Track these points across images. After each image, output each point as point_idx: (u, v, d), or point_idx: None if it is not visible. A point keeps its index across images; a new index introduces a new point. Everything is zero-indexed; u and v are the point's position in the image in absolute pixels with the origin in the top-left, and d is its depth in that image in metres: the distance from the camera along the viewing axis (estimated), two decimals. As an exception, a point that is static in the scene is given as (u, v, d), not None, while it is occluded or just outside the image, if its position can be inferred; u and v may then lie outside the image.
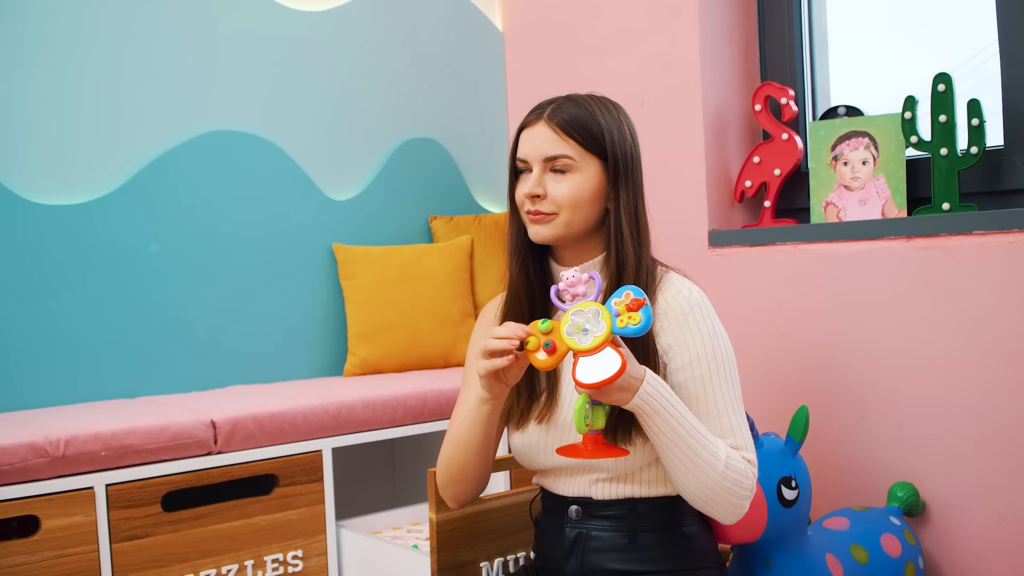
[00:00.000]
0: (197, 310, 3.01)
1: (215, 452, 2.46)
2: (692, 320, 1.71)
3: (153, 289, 2.93)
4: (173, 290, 2.96)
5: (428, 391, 2.82)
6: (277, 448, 2.54)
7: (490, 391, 1.63)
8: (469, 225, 3.46)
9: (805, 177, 2.97)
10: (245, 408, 2.55)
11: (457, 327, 3.25)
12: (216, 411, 2.52)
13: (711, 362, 1.69)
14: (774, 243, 2.82)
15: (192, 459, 2.41)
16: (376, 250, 3.27)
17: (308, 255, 3.23)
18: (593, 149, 1.71)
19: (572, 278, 1.56)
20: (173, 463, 2.38)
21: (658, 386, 1.58)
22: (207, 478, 2.43)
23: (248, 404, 2.59)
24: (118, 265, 2.87)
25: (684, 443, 1.60)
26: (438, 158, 3.56)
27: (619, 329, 1.50)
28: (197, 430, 2.43)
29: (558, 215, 1.71)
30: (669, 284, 1.75)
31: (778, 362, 2.78)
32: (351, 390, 2.78)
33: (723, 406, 1.69)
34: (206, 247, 3.03)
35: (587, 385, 1.48)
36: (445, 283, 3.27)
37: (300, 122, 3.26)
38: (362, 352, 3.17)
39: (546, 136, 1.71)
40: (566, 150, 1.70)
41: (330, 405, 2.66)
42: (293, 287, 3.19)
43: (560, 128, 1.70)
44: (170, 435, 2.38)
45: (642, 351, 1.68)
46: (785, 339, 2.77)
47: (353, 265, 3.23)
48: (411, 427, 2.79)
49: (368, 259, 3.24)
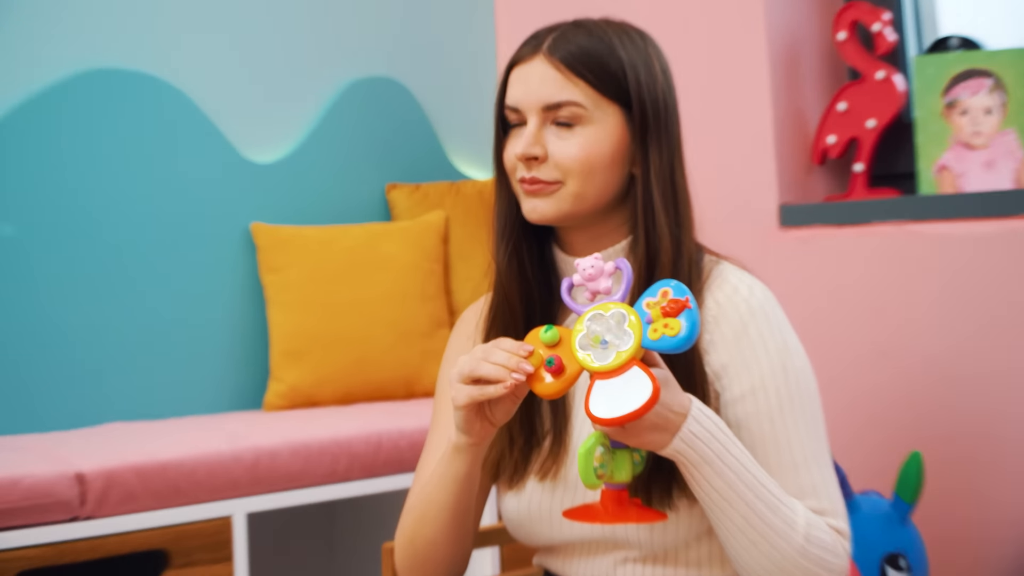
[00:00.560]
0: (60, 315, 3.01)
1: (82, 517, 2.45)
2: (755, 330, 1.72)
3: (3, 285, 2.94)
4: (30, 287, 2.97)
5: (383, 433, 2.83)
6: (169, 513, 2.54)
7: (469, 432, 1.63)
8: (442, 196, 3.46)
9: (909, 131, 2.97)
10: (125, 456, 2.54)
11: (424, 341, 3.26)
12: (85, 460, 2.51)
13: (782, 390, 1.70)
14: (869, 222, 2.83)
15: (50, 527, 2.40)
16: (311, 231, 3.28)
17: (216, 239, 3.24)
18: (611, 93, 1.73)
19: (592, 269, 1.56)
20: (24, 532, 2.38)
21: (708, 424, 1.58)
22: (71, 554, 2.41)
23: (129, 450, 2.59)
24: (-51, 253, 2.90)
25: (746, 505, 1.59)
26: (399, 104, 3.57)
27: (652, 342, 1.50)
28: (58, 487, 2.41)
29: (563, 184, 1.73)
30: (722, 280, 1.75)
31: (878, 390, 2.78)
32: (274, 431, 2.78)
33: (801, 453, 1.69)
34: (77, 228, 3.04)
35: (606, 421, 1.49)
36: (408, 278, 3.27)
37: (208, 57, 3.26)
38: (290, 377, 3.17)
39: (545, 75, 1.73)
40: (574, 94, 1.72)
41: (244, 452, 2.66)
42: (193, 284, 3.20)
43: (565, 64, 1.72)
44: (21, 493, 2.38)
45: (685, 374, 1.68)
46: (888, 357, 2.78)
47: (278, 253, 3.24)
48: (358, 484, 2.80)
49: (300, 244, 3.25)
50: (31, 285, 2.98)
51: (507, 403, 1.59)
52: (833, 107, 3.01)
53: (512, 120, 1.77)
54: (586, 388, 1.54)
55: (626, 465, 1.55)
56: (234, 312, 3.27)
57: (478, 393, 1.56)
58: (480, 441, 1.64)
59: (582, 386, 1.68)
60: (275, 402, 3.17)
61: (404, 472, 2.84)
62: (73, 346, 3.02)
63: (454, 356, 1.88)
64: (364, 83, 3.52)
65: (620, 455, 1.55)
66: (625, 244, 1.78)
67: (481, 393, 1.56)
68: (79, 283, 3.05)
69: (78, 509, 2.45)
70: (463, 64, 3.71)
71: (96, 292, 3.07)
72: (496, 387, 1.55)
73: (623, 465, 1.55)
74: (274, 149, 3.38)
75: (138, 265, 3.13)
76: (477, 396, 1.56)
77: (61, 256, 3.02)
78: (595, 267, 1.56)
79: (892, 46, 2.96)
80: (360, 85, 3.52)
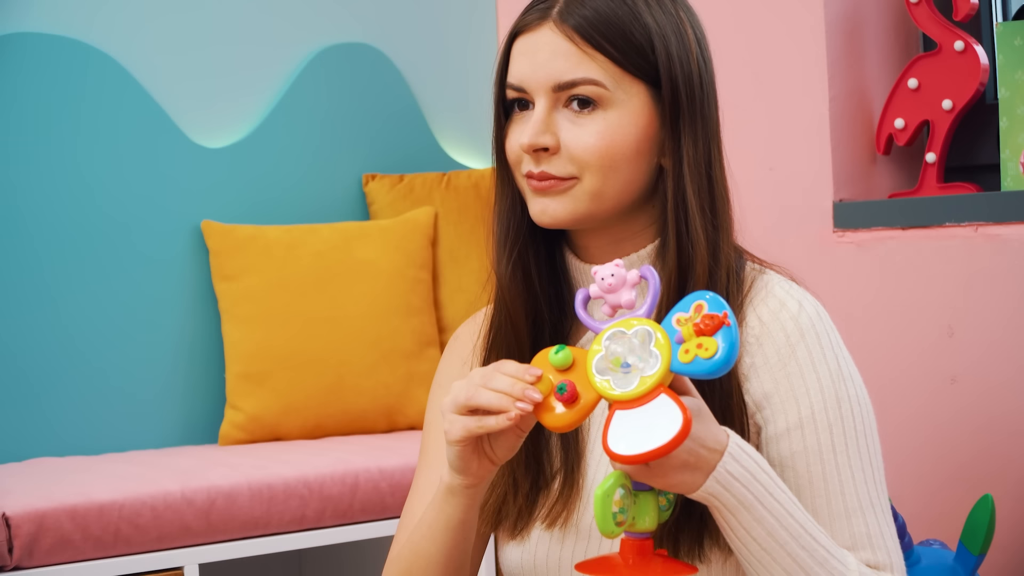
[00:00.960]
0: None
1: (8, 568, 2.46)
2: (804, 354, 1.72)
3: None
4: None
5: (360, 472, 2.84)
6: (110, 564, 2.54)
7: (465, 472, 1.63)
8: (431, 190, 3.47)
9: (993, 114, 2.98)
10: (58, 496, 2.55)
11: (410, 363, 3.27)
12: (10, 501, 2.52)
13: (835, 425, 1.70)
14: (942, 224, 2.84)
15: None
16: (273, 231, 3.29)
17: (159, 240, 3.25)
18: (636, 68, 1.72)
19: (612, 278, 1.55)
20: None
21: (748, 462, 1.59)
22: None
23: (62, 490, 2.59)
24: None
25: (790, 558, 1.60)
26: (379, 78, 3.57)
27: (683, 365, 1.50)
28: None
29: (579, 180, 1.72)
30: (767, 293, 1.76)
31: (945, 422, 2.78)
32: (231, 468, 2.79)
33: (855, 498, 1.69)
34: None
35: (627, 458, 1.47)
36: (390, 288, 3.29)
37: (148, 20, 3.25)
38: (249, 405, 3.19)
39: (556, 48, 1.71)
40: (591, 71, 1.71)
41: (197, 493, 2.67)
42: (133, 294, 3.20)
43: (580, 34, 1.70)
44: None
45: (721, 404, 1.69)
46: (959, 384, 2.79)
47: (234, 257, 3.25)
48: (331, 532, 2.80)
49: (259, 247, 3.26)
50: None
51: (510, 437, 1.59)
52: (902, 84, 3.00)
53: (515, 100, 1.76)
54: (604, 420, 1.53)
55: (650, 510, 1.54)
56: (182, 327, 3.26)
57: (476, 426, 1.55)
58: (477, 482, 1.63)
59: (599, 417, 1.72)
60: (232, 435, 3.17)
61: (385, 518, 2.85)
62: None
63: (446, 381, 1.87)
64: (335, 51, 3.51)
65: (644, 498, 1.54)
66: (651, 249, 1.78)
67: (480, 426, 1.55)
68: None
69: (4, 558, 2.45)
70: (456, 29, 3.71)
71: (15, 304, 3.06)
72: (498, 419, 1.54)
73: (647, 510, 1.54)
74: (228, 131, 3.38)
75: (65, 272, 3.13)
76: (475, 429, 1.55)
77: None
78: (616, 276, 1.54)
79: (973, 10, 2.93)
80: (331, 53, 3.51)
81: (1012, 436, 2.72)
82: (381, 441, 3.11)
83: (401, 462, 2.90)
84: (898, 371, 2.88)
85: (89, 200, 3.18)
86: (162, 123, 3.28)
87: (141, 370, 3.22)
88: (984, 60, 2.96)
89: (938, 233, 2.85)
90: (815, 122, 3.03)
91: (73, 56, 3.16)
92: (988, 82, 3.00)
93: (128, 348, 3.20)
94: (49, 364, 3.11)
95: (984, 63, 2.96)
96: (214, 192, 3.33)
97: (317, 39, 3.51)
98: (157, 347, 3.24)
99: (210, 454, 3.02)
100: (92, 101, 3.19)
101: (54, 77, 3.14)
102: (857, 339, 2.85)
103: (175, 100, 3.32)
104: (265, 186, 3.40)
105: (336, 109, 3.52)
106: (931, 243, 2.86)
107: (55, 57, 3.14)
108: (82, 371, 3.15)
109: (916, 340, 2.87)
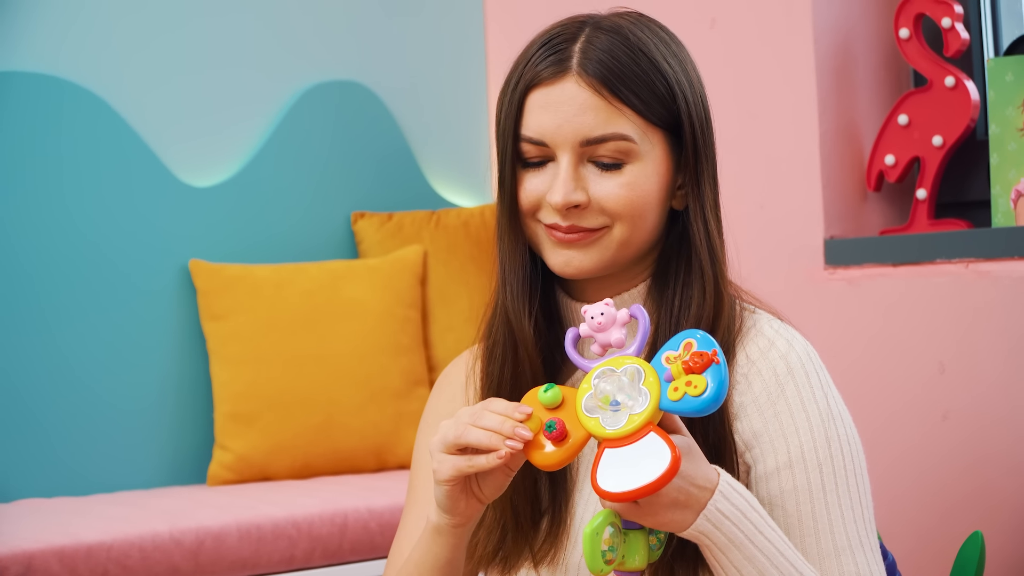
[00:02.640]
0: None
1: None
2: (793, 392, 1.72)
3: None
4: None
5: (350, 512, 2.85)
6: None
7: (453, 511, 1.63)
8: (420, 228, 3.47)
9: (983, 151, 2.98)
10: (46, 538, 2.55)
11: (398, 403, 3.28)
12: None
13: (824, 464, 1.70)
14: (933, 260, 2.85)
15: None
16: (261, 271, 3.30)
17: (147, 279, 3.25)
18: (659, 118, 1.73)
19: (602, 317, 1.56)
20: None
21: (739, 500, 1.59)
22: (-23, 657, 2.44)
23: (49, 532, 2.59)
24: None
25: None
26: (368, 115, 3.58)
27: (672, 403, 1.50)
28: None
29: (611, 230, 1.74)
30: (756, 332, 1.77)
31: (936, 459, 2.79)
32: (220, 509, 2.80)
33: (844, 537, 1.69)
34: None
35: (616, 496, 1.48)
36: (379, 327, 3.29)
37: (137, 59, 3.26)
38: (238, 445, 3.19)
39: (584, 103, 1.70)
40: (621, 126, 1.71)
41: (185, 535, 2.67)
42: (121, 333, 3.21)
43: (607, 86, 1.70)
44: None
45: (711, 442, 1.70)
46: (950, 420, 2.79)
47: (223, 297, 3.26)
48: (320, 572, 2.80)
49: (248, 286, 3.27)
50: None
51: (499, 476, 1.59)
52: (892, 120, 3.01)
53: (531, 155, 1.74)
54: (593, 458, 1.53)
55: (640, 549, 1.55)
56: (170, 367, 3.26)
57: (465, 465, 1.56)
58: (465, 521, 1.64)
59: (588, 455, 1.71)
60: (221, 475, 3.17)
61: (375, 558, 2.85)
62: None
63: (434, 420, 1.86)
64: (324, 88, 3.52)
65: (633, 537, 1.55)
66: (643, 287, 1.79)
67: (469, 465, 1.55)
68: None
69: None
70: (445, 66, 3.71)
71: (2, 346, 3.07)
72: (488, 457, 1.54)
73: (637, 549, 1.55)
74: (215, 170, 3.38)
75: (53, 313, 3.13)
76: (464, 468, 1.56)
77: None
78: (606, 315, 1.55)
79: (964, 46, 2.94)
80: (319, 91, 3.52)
81: (1004, 473, 2.73)
82: (370, 481, 3.12)
83: (390, 502, 2.90)
84: (889, 407, 2.89)
85: (77, 240, 3.18)
86: (150, 162, 3.29)
87: (129, 410, 3.22)
88: (975, 96, 2.97)
89: (929, 270, 2.86)
90: (805, 159, 3.04)
91: (61, 96, 3.17)
92: (979, 118, 3.01)
93: (116, 388, 3.20)
94: (37, 405, 3.11)
95: (975, 99, 2.97)
96: (202, 231, 3.33)
97: (305, 76, 3.52)
98: (145, 387, 3.24)
99: (198, 495, 3.02)
100: (80, 141, 3.20)
101: (45, 117, 3.15)
102: (848, 375, 2.86)
103: (163, 140, 3.32)
104: (253, 225, 3.41)
105: (324, 147, 3.52)
106: (922, 280, 2.87)
107: (44, 97, 3.15)
108: (70, 412, 3.14)
109: (907, 377, 2.88)
